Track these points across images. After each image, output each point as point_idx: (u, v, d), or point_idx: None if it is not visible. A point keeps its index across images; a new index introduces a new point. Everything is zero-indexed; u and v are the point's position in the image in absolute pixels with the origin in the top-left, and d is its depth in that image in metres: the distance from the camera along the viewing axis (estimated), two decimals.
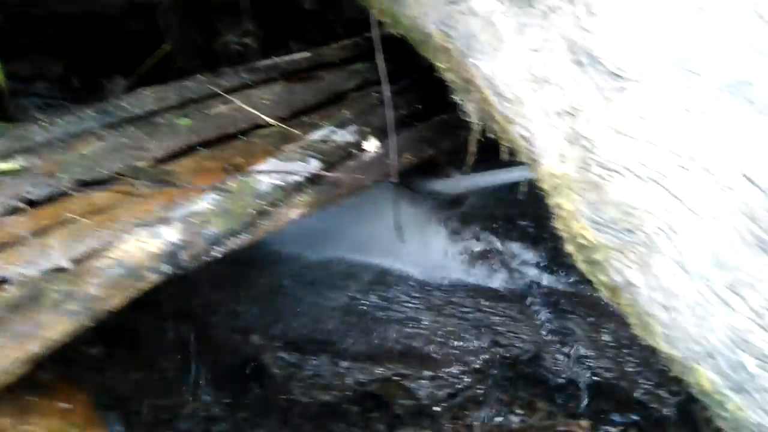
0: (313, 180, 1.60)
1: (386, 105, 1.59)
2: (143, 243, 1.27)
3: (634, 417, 2.04)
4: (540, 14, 1.14)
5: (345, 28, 2.57)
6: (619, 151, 0.96)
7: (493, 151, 1.57)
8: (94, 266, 1.20)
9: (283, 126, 1.85)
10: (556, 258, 2.40)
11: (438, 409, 1.94)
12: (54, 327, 1.11)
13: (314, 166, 1.61)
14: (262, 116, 1.86)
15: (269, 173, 1.53)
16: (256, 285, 2.14)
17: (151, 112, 1.82)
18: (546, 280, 2.35)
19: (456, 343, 2.08)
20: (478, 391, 1.99)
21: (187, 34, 2.53)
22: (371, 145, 1.77)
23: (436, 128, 1.93)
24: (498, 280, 2.32)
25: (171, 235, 1.30)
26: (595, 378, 2.09)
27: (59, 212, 1.41)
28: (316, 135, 1.73)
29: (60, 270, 1.18)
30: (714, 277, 0.81)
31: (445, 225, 2.39)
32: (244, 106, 1.89)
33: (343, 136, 1.75)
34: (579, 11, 1.08)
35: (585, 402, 2.06)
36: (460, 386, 1.99)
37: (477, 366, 2.03)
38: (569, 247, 1.03)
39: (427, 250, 2.38)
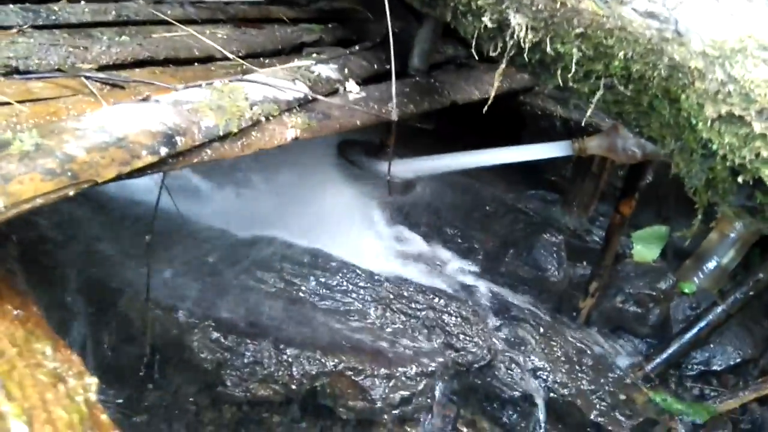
0: (303, 104, 1.35)
1: (390, 44, 1.36)
2: (135, 116, 0.95)
3: None
4: None
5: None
6: None
7: None
8: (71, 126, 0.87)
9: (245, 62, 1.58)
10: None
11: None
12: (23, 182, 0.77)
13: (303, 89, 1.36)
14: (219, 47, 1.59)
15: (259, 83, 1.26)
16: (177, 257, 1.79)
17: (86, 23, 1.50)
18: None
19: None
20: None
21: None
22: (353, 87, 1.55)
23: (414, 88, 1.74)
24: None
25: (165, 116, 1.00)
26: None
27: None
28: (298, 63, 1.48)
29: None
30: None
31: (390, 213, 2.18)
32: (197, 34, 1.60)
33: (326, 71, 1.51)
34: None
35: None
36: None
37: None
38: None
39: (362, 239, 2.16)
